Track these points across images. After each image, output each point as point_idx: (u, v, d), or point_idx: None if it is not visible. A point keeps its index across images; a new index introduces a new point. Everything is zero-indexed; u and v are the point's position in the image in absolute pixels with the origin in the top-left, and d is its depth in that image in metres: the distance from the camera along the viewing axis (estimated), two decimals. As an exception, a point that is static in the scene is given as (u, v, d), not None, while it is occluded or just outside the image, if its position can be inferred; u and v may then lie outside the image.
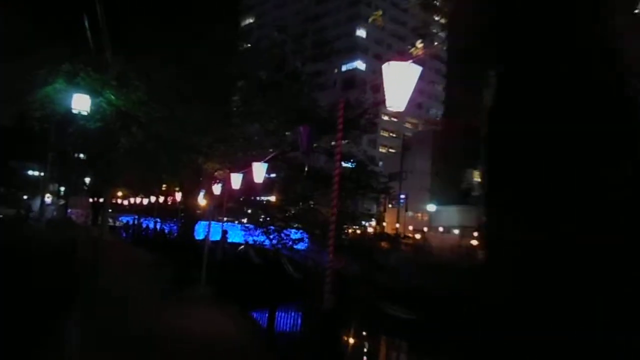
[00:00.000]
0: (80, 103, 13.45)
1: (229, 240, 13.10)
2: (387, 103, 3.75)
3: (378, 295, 16.00)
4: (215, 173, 12.17)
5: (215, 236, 12.87)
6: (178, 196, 19.10)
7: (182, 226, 13.88)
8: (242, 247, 9.09)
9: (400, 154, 55.06)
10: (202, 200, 14.64)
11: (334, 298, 4.32)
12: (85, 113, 13.68)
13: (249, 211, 16.43)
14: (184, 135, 13.01)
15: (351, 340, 9.93)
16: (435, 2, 5.42)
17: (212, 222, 12.64)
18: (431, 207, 48.68)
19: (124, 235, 34.52)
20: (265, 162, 7.72)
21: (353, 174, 15.74)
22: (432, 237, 45.06)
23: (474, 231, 46.31)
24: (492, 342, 2.81)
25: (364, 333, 12.82)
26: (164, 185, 19.88)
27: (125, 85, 13.21)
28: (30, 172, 62.44)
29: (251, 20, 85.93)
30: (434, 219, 48.93)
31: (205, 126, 13.06)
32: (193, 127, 13.21)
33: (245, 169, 10.13)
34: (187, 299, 11.07)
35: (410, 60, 3.71)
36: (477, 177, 67.27)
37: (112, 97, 13.85)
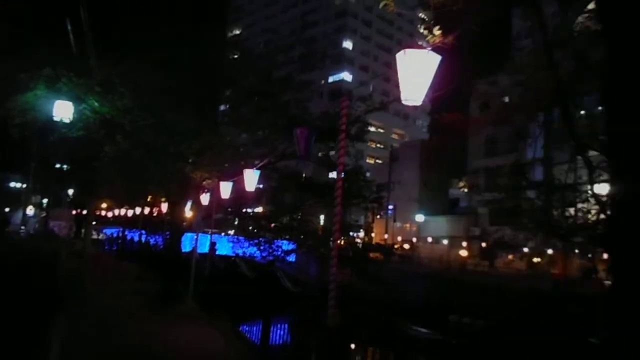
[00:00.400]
0: (62, 110, 12.95)
1: (218, 253, 12.59)
2: (403, 96, 3.39)
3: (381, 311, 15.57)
4: (204, 182, 11.70)
5: (203, 248, 12.37)
6: (164, 207, 18.53)
7: (168, 238, 13.32)
8: (232, 259, 8.62)
9: (388, 164, 54.98)
10: (189, 211, 14.16)
11: (339, 313, 3.94)
12: (68, 121, 13.18)
13: (237, 222, 15.89)
14: (171, 142, 12.54)
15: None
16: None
17: (200, 234, 12.17)
18: (420, 218, 48.52)
19: (108, 247, 33.66)
20: (257, 169, 7.32)
21: (345, 184, 15.43)
22: (421, 247, 44.83)
23: (463, 241, 46.32)
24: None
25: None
26: (149, 196, 19.29)
27: (110, 91, 12.73)
28: (12, 184, 61.22)
29: (238, 32, 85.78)
30: (422, 229, 48.75)
31: (192, 133, 12.61)
32: (180, 134, 12.75)
33: (234, 177, 9.72)
34: (174, 314, 10.54)
35: (429, 49, 3.34)
36: (463, 187, 67.73)
37: (96, 104, 13.35)
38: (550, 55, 7.03)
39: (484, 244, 42.05)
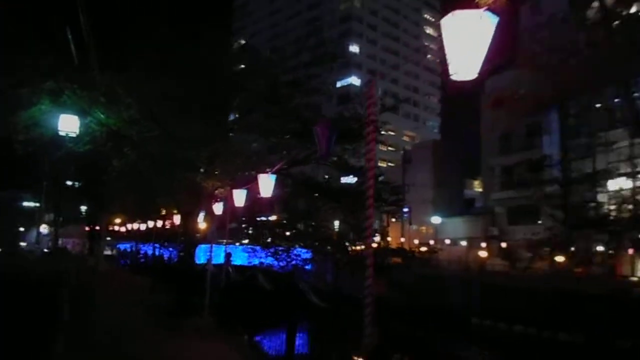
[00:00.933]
0: (68, 124, 12.57)
1: (233, 264, 12.04)
2: (451, 70, 2.78)
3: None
4: (216, 191, 11.20)
5: (218, 259, 11.85)
6: (177, 219, 18.10)
7: (181, 250, 12.83)
8: (250, 271, 8.07)
9: (402, 166, 54.18)
10: (202, 222, 13.68)
11: (377, 332, 3.38)
12: (74, 135, 12.80)
13: (250, 231, 15.32)
14: (179, 150, 12.07)
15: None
16: None
17: (214, 245, 11.66)
18: (436, 220, 47.63)
19: (123, 263, 33.39)
20: (272, 173, 6.78)
21: (361, 187, 14.84)
22: (440, 249, 43.89)
23: (481, 242, 45.35)
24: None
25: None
26: (162, 209, 18.90)
27: (116, 102, 12.33)
28: (25, 204, 61.45)
29: (243, 42, 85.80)
30: (439, 231, 47.84)
31: (201, 141, 12.13)
32: (188, 142, 12.29)
33: (247, 185, 9.20)
34: (189, 329, 10.01)
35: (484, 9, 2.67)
36: (477, 187, 66.64)
37: (102, 116, 12.95)
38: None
39: (504, 244, 41.04)
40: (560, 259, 35.12)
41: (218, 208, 11.37)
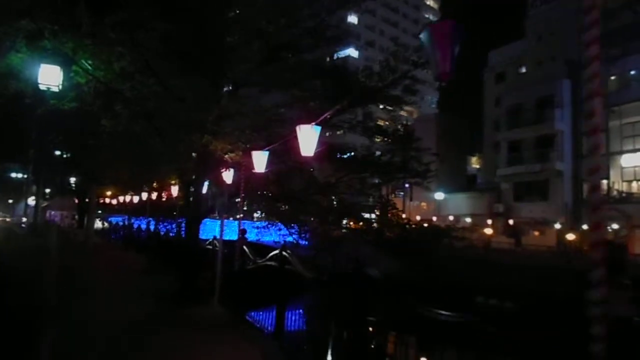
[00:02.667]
0: (49, 76, 10.66)
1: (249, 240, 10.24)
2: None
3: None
4: (226, 156, 9.38)
5: (230, 237, 10.11)
6: (174, 190, 16.28)
7: (185, 225, 11.05)
8: (279, 252, 6.39)
9: (437, 132, 52.10)
10: (208, 193, 11.92)
11: None
12: (56, 89, 10.87)
13: (264, 205, 13.38)
14: (181, 109, 10.21)
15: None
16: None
17: (224, 220, 9.92)
18: (439, 195, 46.15)
19: (114, 237, 31.62)
20: (317, 124, 4.99)
21: (389, 154, 13.14)
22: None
23: (485, 219, 44.07)
24: None
25: None
26: (157, 179, 17.02)
27: (104, 49, 10.36)
28: (13, 175, 59.31)
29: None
30: (442, 208, 46.44)
31: (206, 99, 10.25)
32: (191, 101, 10.41)
33: (271, 145, 7.44)
34: (197, 321, 8.32)
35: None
36: (475, 164, 65.18)
37: (89, 66, 10.99)
38: None
39: (511, 221, 39.72)
40: (570, 236, 33.94)
41: (228, 176, 9.59)
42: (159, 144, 11.72)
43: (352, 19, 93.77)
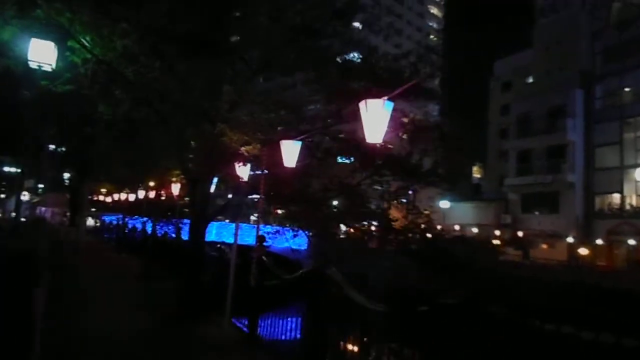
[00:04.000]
0: (41, 53, 9.34)
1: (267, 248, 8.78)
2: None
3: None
4: (242, 149, 8.03)
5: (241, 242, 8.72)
6: (175, 189, 14.89)
7: (189, 227, 9.67)
8: (317, 269, 5.01)
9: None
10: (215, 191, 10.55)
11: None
12: (49, 68, 9.54)
13: (284, 206, 11.94)
14: (191, 98, 8.87)
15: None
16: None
17: (232, 223, 8.59)
18: (444, 204, 44.86)
19: (107, 236, 30.12)
20: (389, 99, 3.66)
21: (427, 153, 11.90)
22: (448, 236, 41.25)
23: (492, 229, 42.81)
24: None
25: None
26: (156, 175, 15.61)
27: (107, 18, 9.04)
28: (7, 169, 57.81)
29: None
30: (447, 216, 45.14)
31: (219, 84, 8.92)
32: (202, 86, 9.08)
33: (303, 136, 6.12)
34: (205, 344, 6.95)
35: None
36: (476, 173, 64.18)
37: (87, 42, 9.64)
38: None
39: (520, 233, 38.43)
40: (583, 251, 32.73)
41: (244, 171, 8.24)
42: (162, 135, 10.36)
43: (357, 23, 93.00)
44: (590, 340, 2.58)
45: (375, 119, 3.83)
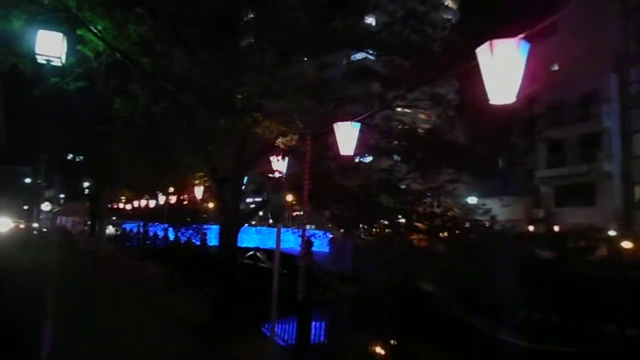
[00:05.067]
0: (49, 46, 8.37)
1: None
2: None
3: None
4: (278, 141, 6.91)
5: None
6: (198, 192, 13.86)
7: (219, 233, 8.58)
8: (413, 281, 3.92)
9: None
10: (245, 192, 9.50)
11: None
12: (59, 63, 8.57)
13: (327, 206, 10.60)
14: (216, 85, 7.79)
15: None
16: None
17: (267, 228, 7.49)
18: (472, 200, 43.20)
19: (129, 244, 29.34)
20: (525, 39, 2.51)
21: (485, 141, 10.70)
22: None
23: (525, 225, 40.98)
24: None
25: None
26: (178, 178, 14.54)
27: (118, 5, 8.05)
28: (28, 180, 58.14)
29: None
30: (475, 213, 43.40)
31: (246, 70, 7.80)
32: (228, 73, 7.98)
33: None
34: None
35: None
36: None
37: (98, 31, 8.65)
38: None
39: (557, 228, 36.63)
40: (626, 244, 30.86)
41: (281, 166, 7.12)
42: (185, 130, 9.29)
43: (370, 19, 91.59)
44: None
45: (507, 66, 2.68)
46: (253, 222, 39.54)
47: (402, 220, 10.64)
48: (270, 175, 7.37)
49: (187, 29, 8.98)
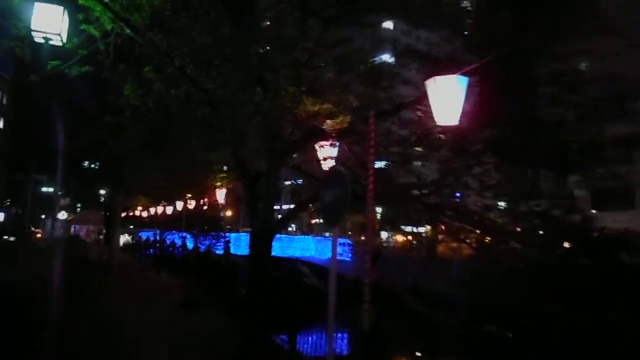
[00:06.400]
0: (48, 21, 7.07)
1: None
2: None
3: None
4: (326, 123, 5.37)
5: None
6: (220, 195, 12.38)
7: (250, 241, 7.03)
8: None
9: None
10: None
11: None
12: (59, 41, 7.25)
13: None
14: (247, 58, 6.28)
15: None
16: None
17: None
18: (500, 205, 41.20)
19: (144, 254, 28.04)
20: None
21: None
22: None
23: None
24: None
25: None
26: (199, 179, 13.03)
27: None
28: (44, 189, 57.77)
29: None
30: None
31: (284, 40, 6.28)
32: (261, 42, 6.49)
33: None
34: None
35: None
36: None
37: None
38: None
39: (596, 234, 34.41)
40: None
41: (332, 152, 5.59)
42: (207, 122, 7.80)
43: (388, 24, 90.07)
44: None
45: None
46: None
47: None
48: (323, 162, 5.80)
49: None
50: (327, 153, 5.64)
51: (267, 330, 6.42)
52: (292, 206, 13.72)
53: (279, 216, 12.46)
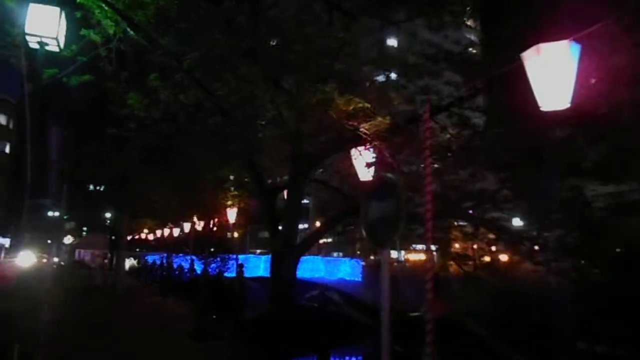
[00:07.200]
0: (43, 24, 6.42)
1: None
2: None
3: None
4: (362, 126, 4.54)
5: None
6: (231, 215, 11.54)
7: (271, 263, 6.16)
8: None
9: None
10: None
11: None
12: (56, 47, 6.57)
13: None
14: (268, 52, 5.51)
15: None
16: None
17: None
18: (515, 221, 40.08)
19: (150, 278, 27.06)
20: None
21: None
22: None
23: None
24: None
25: None
26: (209, 195, 12.15)
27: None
28: (50, 214, 57.35)
29: None
30: (520, 235, 40.22)
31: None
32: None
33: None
34: None
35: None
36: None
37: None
38: None
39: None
40: None
41: (370, 157, 4.73)
42: (218, 128, 6.99)
43: (392, 41, 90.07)
44: None
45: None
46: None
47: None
48: (363, 171, 4.91)
49: None
50: (367, 160, 4.80)
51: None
52: (317, 224, 12.82)
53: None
